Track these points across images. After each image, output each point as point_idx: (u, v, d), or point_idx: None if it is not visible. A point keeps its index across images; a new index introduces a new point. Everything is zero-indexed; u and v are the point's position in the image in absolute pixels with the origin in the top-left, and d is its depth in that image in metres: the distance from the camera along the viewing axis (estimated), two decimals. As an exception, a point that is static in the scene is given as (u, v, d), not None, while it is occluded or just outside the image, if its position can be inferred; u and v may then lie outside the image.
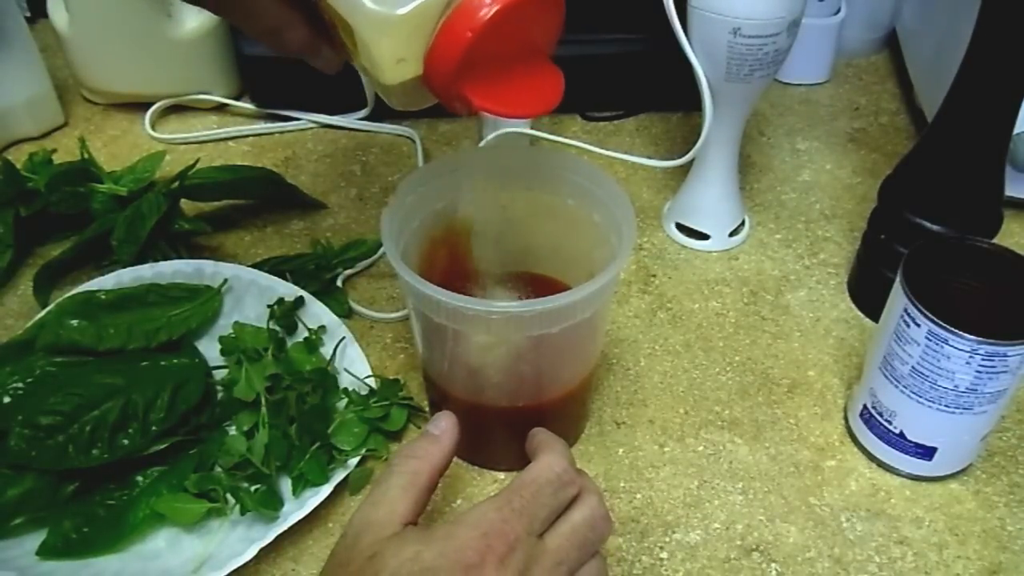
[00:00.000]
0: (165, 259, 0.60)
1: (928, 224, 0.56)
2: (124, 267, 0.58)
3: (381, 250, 0.64)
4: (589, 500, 0.40)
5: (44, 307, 0.56)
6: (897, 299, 0.48)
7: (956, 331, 0.45)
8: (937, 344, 0.46)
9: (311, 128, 0.78)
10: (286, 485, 0.49)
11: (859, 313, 0.62)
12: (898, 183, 0.58)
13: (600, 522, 0.40)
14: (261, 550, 0.45)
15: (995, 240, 0.55)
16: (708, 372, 0.58)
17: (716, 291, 0.64)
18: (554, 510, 0.39)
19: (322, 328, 0.56)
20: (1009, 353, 0.45)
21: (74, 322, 0.53)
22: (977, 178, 0.55)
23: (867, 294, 0.62)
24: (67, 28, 0.74)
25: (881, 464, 0.52)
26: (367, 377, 0.54)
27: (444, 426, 0.42)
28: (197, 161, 0.66)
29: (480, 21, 0.35)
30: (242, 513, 0.48)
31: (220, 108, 0.79)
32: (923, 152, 0.57)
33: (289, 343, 0.56)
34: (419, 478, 0.40)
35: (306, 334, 0.56)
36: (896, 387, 0.49)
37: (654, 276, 0.65)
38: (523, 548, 0.36)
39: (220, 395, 0.53)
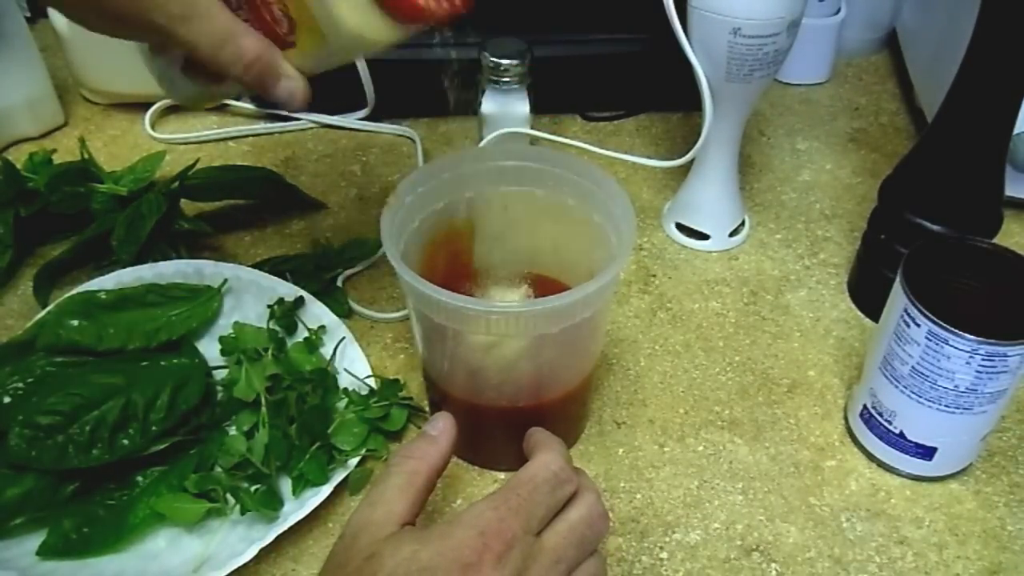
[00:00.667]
0: (165, 259, 0.60)
1: (928, 224, 0.56)
2: (124, 267, 0.58)
3: (381, 250, 0.64)
4: (586, 498, 0.40)
5: (44, 307, 0.56)
6: (897, 299, 0.48)
7: (956, 331, 0.45)
8: (937, 344, 0.46)
9: (311, 128, 0.78)
10: (286, 485, 0.49)
11: (859, 313, 0.62)
12: (898, 183, 0.58)
13: (598, 520, 0.40)
14: (261, 550, 0.45)
15: (995, 240, 0.54)
16: (708, 372, 0.58)
17: (716, 291, 0.64)
18: (551, 508, 0.39)
19: (322, 328, 0.56)
20: (1009, 353, 0.45)
21: (74, 322, 0.53)
22: (977, 178, 0.55)
23: (867, 294, 0.62)
24: (67, 28, 0.74)
25: (881, 464, 0.52)
26: (367, 377, 0.54)
27: (442, 427, 0.42)
28: (197, 161, 0.66)
29: None
30: (242, 513, 0.48)
31: (220, 108, 0.79)
32: (923, 152, 0.57)
33: (289, 343, 0.56)
34: (417, 478, 0.40)
35: (306, 334, 0.56)
36: (896, 387, 0.49)
37: (654, 276, 0.65)
38: (520, 547, 0.36)
39: (220, 395, 0.53)
